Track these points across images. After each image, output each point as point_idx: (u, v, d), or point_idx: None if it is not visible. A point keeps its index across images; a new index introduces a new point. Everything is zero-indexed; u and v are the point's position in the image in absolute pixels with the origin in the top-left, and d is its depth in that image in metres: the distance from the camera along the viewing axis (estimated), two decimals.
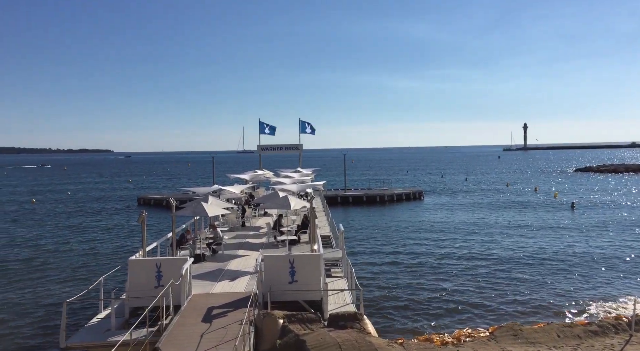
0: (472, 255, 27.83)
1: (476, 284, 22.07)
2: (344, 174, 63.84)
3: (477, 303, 19.46)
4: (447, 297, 20.27)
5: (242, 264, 18.68)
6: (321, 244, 18.02)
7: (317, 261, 14.06)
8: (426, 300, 19.98)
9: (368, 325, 11.91)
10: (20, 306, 19.82)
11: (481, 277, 23.14)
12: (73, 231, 38.79)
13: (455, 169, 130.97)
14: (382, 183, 70.65)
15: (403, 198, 56.46)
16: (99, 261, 27.73)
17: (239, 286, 15.71)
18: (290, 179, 36.95)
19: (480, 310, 18.72)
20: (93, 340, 12.05)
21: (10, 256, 29.46)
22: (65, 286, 22.49)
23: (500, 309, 18.84)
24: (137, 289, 13.43)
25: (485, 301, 19.73)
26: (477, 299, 19.98)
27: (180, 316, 12.71)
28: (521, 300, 19.79)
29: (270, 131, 55.72)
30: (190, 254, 19.03)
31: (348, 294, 15.08)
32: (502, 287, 21.53)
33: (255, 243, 22.93)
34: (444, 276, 23.50)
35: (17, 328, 17.38)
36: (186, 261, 14.08)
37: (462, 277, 23.23)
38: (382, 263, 26.39)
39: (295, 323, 11.66)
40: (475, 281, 22.55)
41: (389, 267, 25.40)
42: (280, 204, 21.95)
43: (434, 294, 20.69)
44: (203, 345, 10.94)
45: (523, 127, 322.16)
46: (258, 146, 55.63)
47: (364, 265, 25.48)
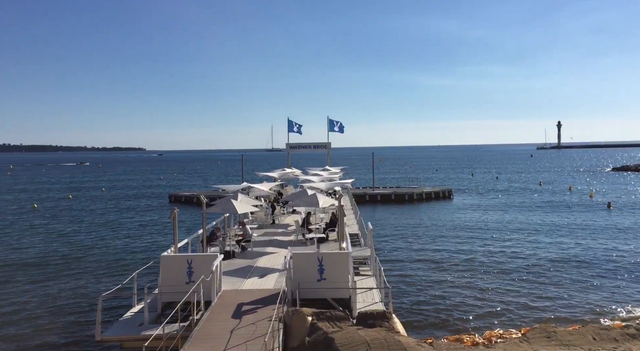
0: (503, 255, 27.33)
1: (508, 284, 21.67)
2: (372, 173, 63.55)
3: (509, 304, 19.11)
4: (477, 297, 19.97)
5: (271, 262, 18.84)
6: (349, 242, 18.02)
7: (346, 260, 14.06)
8: (456, 299, 19.73)
9: (397, 323, 11.86)
10: (58, 299, 20.49)
11: (513, 278, 22.71)
12: (108, 227, 39.83)
13: (486, 167, 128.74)
14: (411, 182, 70.04)
15: (432, 197, 55.85)
16: (132, 257, 28.40)
17: (268, 283, 15.85)
18: (318, 177, 37.03)
19: (512, 311, 18.38)
20: (127, 334, 12.36)
21: (50, 251, 30.47)
22: (101, 281, 23.13)
23: (532, 310, 18.45)
24: (169, 284, 13.71)
25: (517, 302, 19.36)
26: (508, 300, 19.62)
27: (210, 311, 12.92)
28: (555, 301, 19.34)
29: (299, 130, 55.97)
30: (220, 251, 19.31)
31: (377, 292, 15.03)
32: (535, 288, 21.08)
33: (283, 241, 23.09)
34: (474, 276, 23.16)
35: (55, 321, 17.98)
36: (216, 257, 14.29)
37: (493, 277, 22.84)
38: (411, 262, 26.18)
39: (323, 321, 11.69)
40: (507, 281, 22.15)
41: (418, 266, 25.18)
42: (308, 202, 22.04)
43: (464, 294, 20.41)
44: (233, 340, 11.08)
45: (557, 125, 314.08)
46: (287, 144, 55.95)
47: (392, 264, 25.33)
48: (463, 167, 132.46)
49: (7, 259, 28.26)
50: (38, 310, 19.10)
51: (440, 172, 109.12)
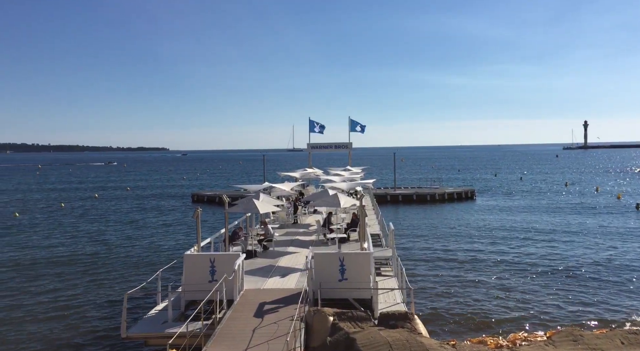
0: (528, 257, 26.89)
1: (533, 287, 21.31)
2: (393, 173, 63.19)
3: (534, 306, 18.79)
4: (501, 299, 19.69)
5: (293, 261, 18.91)
6: (371, 242, 17.97)
7: (367, 260, 14.04)
8: (480, 301, 19.49)
9: (419, 325, 11.77)
10: (84, 297, 20.93)
11: (538, 280, 22.32)
12: (133, 226, 40.52)
13: (510, 168, 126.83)
14: (433, 182, 69.43)
15: (454, 198, 55.26)
16: (156, 255, 28.83)
17: (289, 283, 15.91)
18: (339, 177, 37.01)
19: (537, 314, 18.06)
20: (151, 331, 12.57)
21: (77, 249, 31.15)
22: (126, 279, 23.54)
23: (558, 313, 18.11)
24: (192, 283, 13.89)
25: (543, 304, 19.02)
26: (533, 302, 19.29)
27: (233, 310, 13.03)
28: (581, 305, 18.94)
29: (320, 130, 56.04)
30: (242, 250, 19.46)
31: (398, 293, 14.96)
32: (561, 291, 20.68)
33: (305, 241, 23.15)
34: (498, 277, 22.84)
35: (82, 318, 18.37)
36: (239, 256, 14.41)
37: (518, 279, 22.49)
38: (433, 262, 25.96)
39: (345, 321, 11.68)
40: (532, 283, 21.78)
41: (440, 267, 24.95)
42: (329, 202, 22.04)
43: (488, 295, 20.14)
44: (255, 339, 11.16)
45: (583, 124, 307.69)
46: (308, 144, 56.05)
47: (414, 265, 25.16)
48: (486, 167, 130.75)
49: (36, 257, 28.98)
50: (65, 307, 19.54)
51: (463, 173, 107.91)
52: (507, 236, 33.33)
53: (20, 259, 28.29)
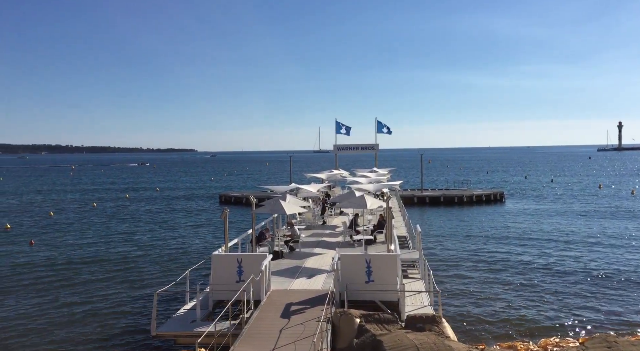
0: (559, 262, 26.26)
1: (565, 292, 20.79)
2: (420, 174, 62.64)
3: (566, 312, 18.34)
4: (532, 304, 19.29)
5: (319, 263, 18.94)
6: (398, 244, 17.86)
7: (394, 262, 13.96)
8: (509, 305, 19.13)
9: (447, 328, 11.64)
10: (116, 295, 21.43)
11: (570, 285, 21.77)
12: (162, 226, 41.26)
13: (541, 170, 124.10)
14: (461, 184, 68.51)
15: (483, 200, 54.39)
16: (185, 255, 29.29)
17: (316, 284, 15.94)
18: (366, 178, 36.91)
19: (569, 319, 17.62)
20: (180, 330, 12.78)
21: (109, 249, 31.91)
22: (156, 278, 23.99)
23: (591, 319, 17.63)
24: (220, 283, 14.06)
25: (575, 310, 18.54)
26: (565, 307, 18.83)
27: (260, 310, 13.14)
28: (615, 311, 18.38)
29: (346, 131, 56.01)
30: (269, 251, 19.59)
31: (426, 296, 14.83)
32: (594, 296, 20.12)
33: (331, 242, 23.16)
34: (528, 282, 22.37)
35: (113, 315, 18.81)
36: (265, 257, 14.52)
37: (549, 284, 21.99)
38: (460, 265, 25.61)
39: (371, 323, 11.64)
40: (564, 289, 21.25)
41: (469, 270, 24.60)
42: (356, 204, 21.99)
43: (518, 300, 19.75)
44: (282, 339, 11.23)
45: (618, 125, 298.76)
46: (334, 145, 56.09)
47: (441, 267, 24.87)
48: (516, 169, 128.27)
49: (71, 256, 29.81)
50: (98, 304, 20.05)
51: (492, 175, 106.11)
52: (537, 239, 32.63)
53: (56, 258, 29.15)
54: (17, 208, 55.71)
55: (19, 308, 19.65)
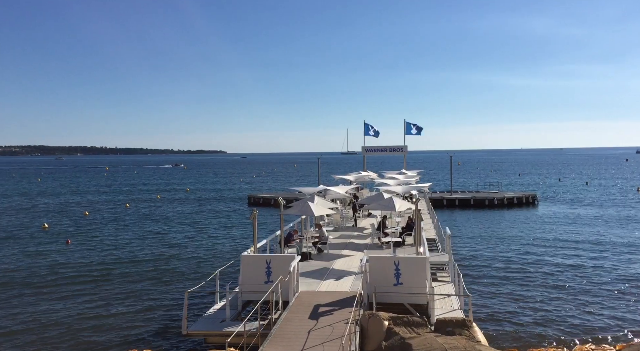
0: (595, 268, 25.50)
1: (600, 298, 20.19)
2: (450, 176, 61.85)
3: (602, 318, 17.80)
4: (566, 310, 18.80)
5: (347, 264, 18.92)
6: (427, 247, 17.70)
7: (423, 264, 13.83)
8: (542, 311, 18.69)
9: (477, 332, 11.46)
10: (148, 294, 21.90)
11: (606, 292, 21.11)
12: (192, 226, 41.94)
13: (575, 172, 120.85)
14: (492, 186, 67.31)
15: (515, 203, 53.30)
16: (214, 255, 29.70)
17: (344, 286, 15.93)
18: (394, 180, 36.70)
19: (606, 326, 17.11)
20: (211, 329, 12.98)
21: (142, 248, 32.65)
22: (186, 278, 24.41)
23: (629, 326, 17.06)
24: (249, 283, 14.20)
25: (612, 316, 17.98)
26: (601, 314, 18.28)
27: (288, 311, 13.21)
28: None
29: (375, 133, 55.82)
30: (297, 252, 19.68)
31: (455, 299, 14.64)
32: (631, 303, 19.47)
33: (359, 244, 23.10)
34: (561, 287, 21.81)
35: (145, 313, 19.22)
36: (294, 258, 14.59)
37: (583, 290, 21.39)
38: (491, 269, 25.17)
39: (400, 326, 11.56)
40: (600, 295, 20.63)
41: (500, 275, 24.15)
42: (384, 206, 21.89)
43: (551, 305, 19.28)
44: (311, 341, 11.26)
45: None
46: (362, 147, 55.97)
47: (471, 271, 24.50)
48: (549, 172, 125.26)
49: (105, 255, 30.62)
50: (132, 303, 20.53)
51: (524, 177, 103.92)
52: (572, 244, 31.79)
53: (91, 257, 29.98)
54: (55, 208, 57.54)
55: (55, 306, 20.29)
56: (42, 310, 19.64)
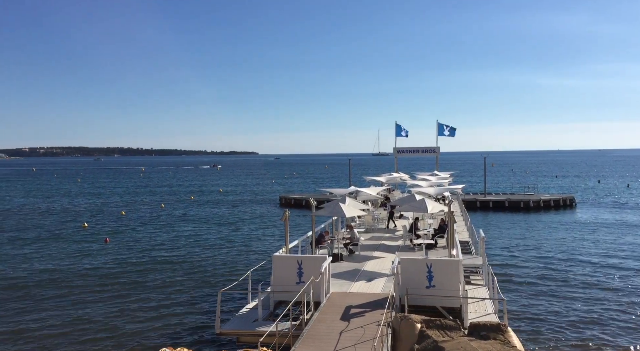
0: (636, 273, 24.59)
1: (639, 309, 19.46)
2: (483, 178, 60.74)
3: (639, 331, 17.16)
4: (606, 316, 18.20)
5: (378, 266, 18.84)
6: (460, 249, 17.45)
7: (456, 267, 13.64)
8: (581, 317, 18.15)
9: (513, 337, 11.21)
10: (182, 292, 22.36)
11: None
12: (225, 227, 42.55)
13: (615, 174, 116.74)
14: (527, 188, 65.75)
15: (551, 205, 51.91)
16: (247, 255, 30.06)
17: (375, 287, 15.87)
18: (427, 182, 36.28)
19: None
20: (243, 328, 13.14)
21: (176, 248, 33.35)
22: (219, 277, 24.78)
23: None
24: (281, 283, 14.31)
25: None
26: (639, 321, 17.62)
27: (320, 312, 13.25)
28: None
29: (407, 134, 55.35)
30: (329, 253, 19.71)
31: (489, 303, 14.38)
32: None
33: (391, 245, 22.96)
34: (601, 293, 21.12)
35: (180, 312, 19.63)
36: (325, 259, 14.61)
37: (624, 296, 20.65)
38: (527, 273, 24.59)
39: (433, 329, 11.43)
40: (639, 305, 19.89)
41: (535, 279, 23.57)
42: (416, 207, 21.69)
43: (588, 314, 18.70)
44: (342, 342, 11.26)
45: None
46: (394, 148, 55.56)
47: (506, 275, 24.00)
48: (588, 173, 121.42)
49: (142, 255, 31.40)
50: (167, 301, 20.99)
51: (561, 179, 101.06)
52: (612, 248, 30.74)
53: (128, 255, 30.81)
54: (93, 208, 59.34)
55: (94, 303, 20.94)
56: (79, 307, 20.31)
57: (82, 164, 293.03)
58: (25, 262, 28.89)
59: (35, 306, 20.40)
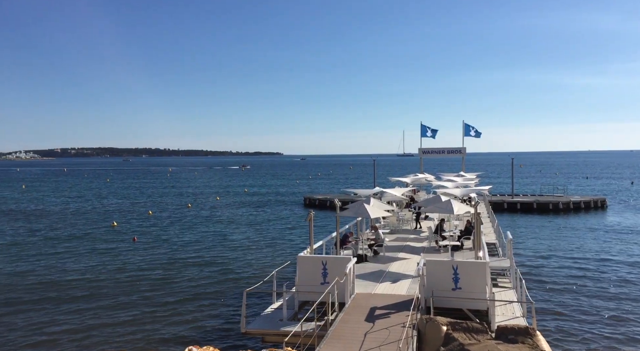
0: None
1: None
2: (511, 179, 59.68)
3: None
4: (636, 324, 17.66)
5: (403, 267, 18.71)
6: (487, 251, 17.20)
7: (483, 269, 13.45)
8: (611, 323, 17.67)
9: (542, 341, 11.00)
10: (208, 292, 22.63)
11: None
12: (250, 227, 42.89)
13: None
14: (556, 190, 64.34)
15: (582, 207, 50.67)
16: (271, 256, 30.24)
17: (400, 289, 15.77)
18: (452, 183, 35.88)
19: None
20: (268, 328, 13.21)
21: (203, 248, 33.77)
22: (244, 277, 25.00)
23: None
24: (305, 284, 14.35)
25: None
26: None
27: (344, 313, 13.23)
28: None
29: (432, 134, 54.81)
30: (353, 254, 19.66)
31: (517, 307, 14.14)
32: None
33: (416, 247, 22.77)
34: (633, 299, 20.52)
35: (206, 310, 19.88)
36: (350, 260, 14.58)
37: None
38: (555, 277, 24.07)
39: (459, 332, 11.30)
40: None
41: (565, 282, 23.05)
42: (442, 209, 21.47)
43: (622, 318, 18.18)
44: (367, 343, 11.23)
45: None
46: (419, 149, 55.10)
47: (534, 278, 23.54)
48: (620, 175, 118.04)
49: (168, 253, 31.93)
50: (193, 300, 21.29)
51: (592, 180, 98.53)
52: None
53: (155, 254, 31.37)
54: (122, 207, 60.59)
55: (122, 301, 21.38)
56: (107, 304, 20.76)
57: (111, 165, 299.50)
58: (59, 260, 29.70)
59: (66, 304, 20.96)
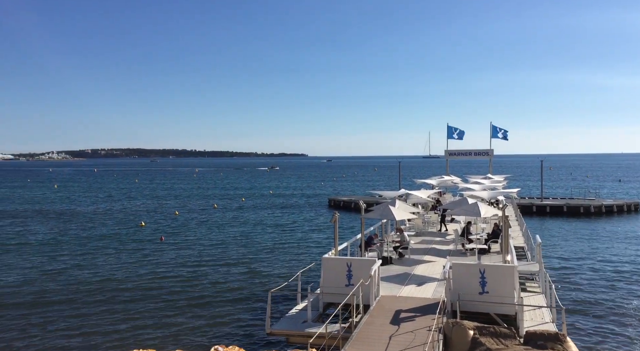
0: None
1: None
2: (540, 182, 58.47)
3: None
4: None
5: (429, 270, 18.51)
6: (515, 255, 16.89)
7: (511, 273, 13.20)
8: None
9: (572, 347, 10.72)
10: (234, 292, 22.84)
11: None
12: (275, 228, 43.14)
13: None
14: (588, 193, 62.73)
15: (614, 211, 49.27)
16: (296, 257, 30.33)
17: (426, 292, 15.60)
18: (479, 185, 35.39)
19: None
20: (293, 329, 13.24)
21: (228, 249, 34.13)
22: (269, 278, 25.14)
23: None
24: (330, 285, 14.33)
25: None
26: None
27: (369, 315, 13.16)
28: None
29: (459, 136, 54.17)
30: (378, 256, 19.55)
31: (547, 312, 13.83)
32: None
33: (441, 250, 22.52)
34: None
35: (232, 310, 20.06)
36: (375, 262, 14.50)
37: None
38: (586, 282, 23.46)
39: (486, 337, 11.11)
40: None
41: (596, 288, 22.45)
42: (469, 211, 21.16)
43: None
44: (392, 346, 11.14)
45: None
46: (445, 150, 54.54)
47: (564, 283, 23.00)
48: None
49: (194, 253, 32.37)
50: (219, 299, 21.52)
51: (625, 183, 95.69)
52: None
53: (182, 254, 31.83)
54: (150, 207, 61.69)
55: (149, 299, 21.76)
56: (136, 303, 21.17)
57: (140, 165, 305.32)
58: (89, 260, 30.42)
59: (95, 303, 21.45)
